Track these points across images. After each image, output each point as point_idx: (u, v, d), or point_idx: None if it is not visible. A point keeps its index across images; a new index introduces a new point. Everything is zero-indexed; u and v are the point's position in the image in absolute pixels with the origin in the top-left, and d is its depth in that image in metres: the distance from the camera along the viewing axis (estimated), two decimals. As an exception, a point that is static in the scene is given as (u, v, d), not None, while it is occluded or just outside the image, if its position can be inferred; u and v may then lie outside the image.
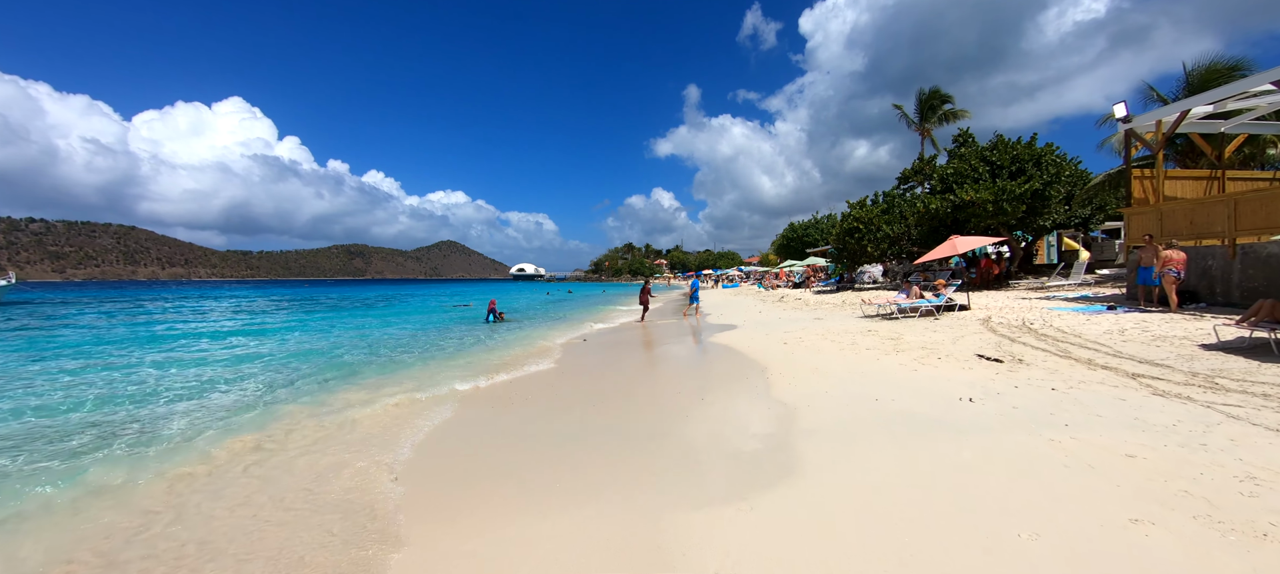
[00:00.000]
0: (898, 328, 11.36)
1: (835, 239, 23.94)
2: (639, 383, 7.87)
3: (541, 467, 4.42)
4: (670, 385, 7.45)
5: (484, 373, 8.88)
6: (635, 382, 7.99)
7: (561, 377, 8.61)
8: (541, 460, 4.59)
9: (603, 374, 8.89)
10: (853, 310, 16.28)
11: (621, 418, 5.80)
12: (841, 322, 13.50)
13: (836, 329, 11.97)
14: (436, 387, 7.81)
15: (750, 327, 14.36)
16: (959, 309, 13.32)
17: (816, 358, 8.59)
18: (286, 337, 15.60)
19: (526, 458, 4.70)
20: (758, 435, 4.83)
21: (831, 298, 21.15)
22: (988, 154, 20.44)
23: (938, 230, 21.10)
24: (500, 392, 7.50)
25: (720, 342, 11.66)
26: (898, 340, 9.62)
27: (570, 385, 7.92)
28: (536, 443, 5.12)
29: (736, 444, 4.64)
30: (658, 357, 10.42)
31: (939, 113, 44.38)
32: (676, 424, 5.35)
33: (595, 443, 4.97)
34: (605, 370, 9.19)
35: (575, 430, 5.40)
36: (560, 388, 7.72)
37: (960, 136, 23.67)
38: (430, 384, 8.05)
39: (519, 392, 7.41)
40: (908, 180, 24.57)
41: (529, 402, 6.79)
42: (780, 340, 10.88)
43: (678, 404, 6.10)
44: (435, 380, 8.37)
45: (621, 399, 6.71)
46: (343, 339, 14.88)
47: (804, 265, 35.80)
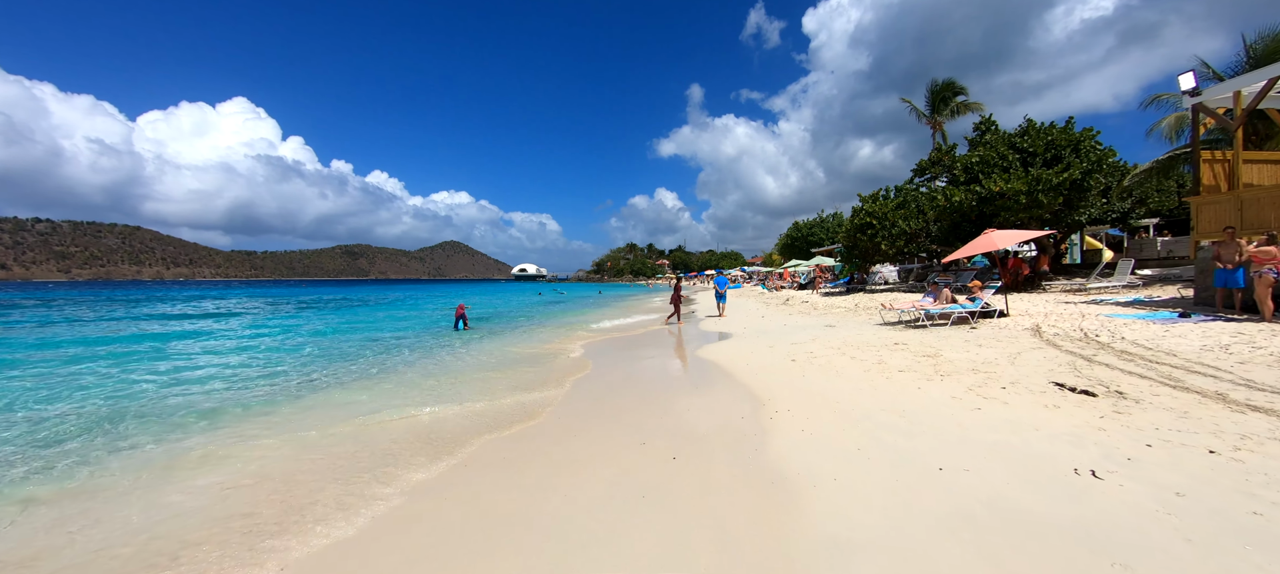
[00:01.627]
0: (930, 340, 9.31)
1: (845, 236, 21.84)
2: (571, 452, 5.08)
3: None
4: (610, 450, 4.66)
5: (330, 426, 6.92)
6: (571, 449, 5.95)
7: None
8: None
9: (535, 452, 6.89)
10: (869, 316, 14.21)
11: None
12: (858, 330, 11.45)
13: (854, 340, 9.92)
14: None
15: (750, 335, 12.32)
16: (997, 316, 11.25)
17: (835, 384, 6.54)
18: (214, 342, 13.73)
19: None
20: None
21: (842, 301, 19.09)
22: (1017, 141, 18.32)
23: (960, 226, 18.99)
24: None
25: (709, 357, 9.62)
26: (936, 359, 7.57)
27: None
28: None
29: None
30: (620, 383, 8.39)
31: (951, 105, 42.25)
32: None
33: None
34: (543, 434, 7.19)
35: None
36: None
37: (982, 124, 21.55)
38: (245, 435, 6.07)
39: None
40: (924, 172, 22.47)
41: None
42: (786, 355, 8.84)
43: (599, 501, 3.60)
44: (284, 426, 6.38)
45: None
46: (278, 350, 12.95)
47: (811, 265, 33.65)
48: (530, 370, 9.24)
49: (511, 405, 6.53)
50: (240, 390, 7.68)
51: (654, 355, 10.47)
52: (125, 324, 19.76)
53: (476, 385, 7.97)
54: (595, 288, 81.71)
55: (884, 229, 19.77)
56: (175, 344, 13.97)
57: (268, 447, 5.17)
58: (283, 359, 11.10)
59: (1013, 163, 17.48)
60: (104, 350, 12.59)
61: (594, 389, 7.34)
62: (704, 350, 10.55)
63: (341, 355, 11.55)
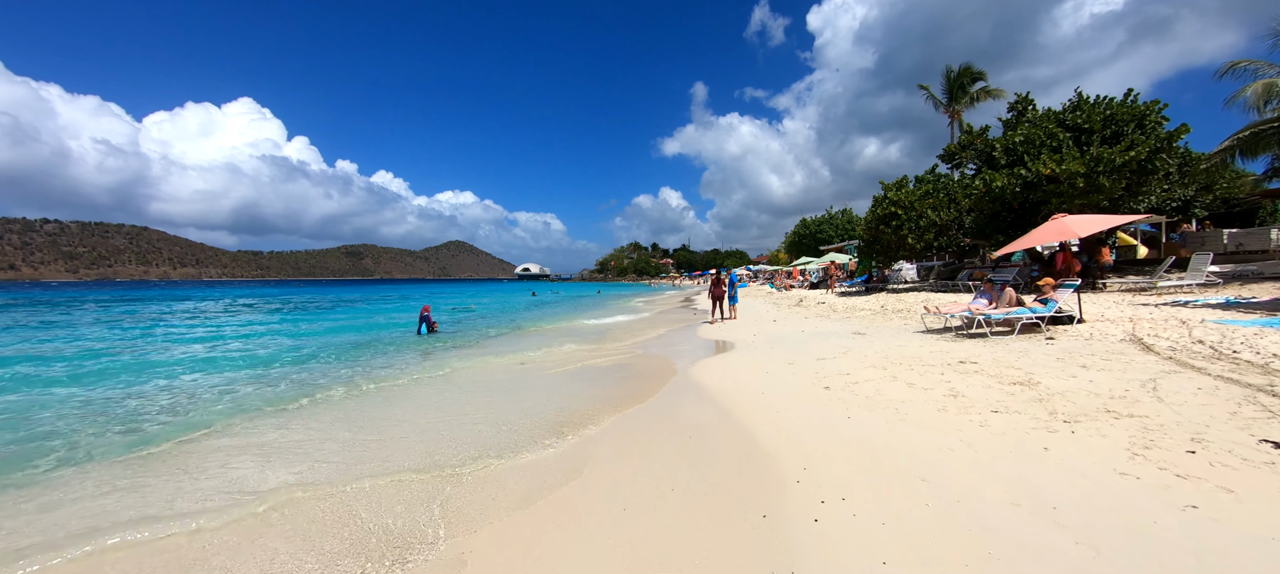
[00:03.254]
0: (1002, 355, 7.04)
1: (865, 228, 19.50)
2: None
3: None
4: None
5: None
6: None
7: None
8: None
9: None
10: (904, 321, 11.92)
11: None
12: (898, 340, 9.18)
13: (900, 355, 7.66)
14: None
15: (761, 346, 10.06)
16: (1071, 322, 8.94)
17: (901, 436, 4.29)
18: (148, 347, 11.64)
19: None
20: None
21: (863, 302, 16.79)
22: (1068, 117, 15.97)
23: (999, 215, 16.66)
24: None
25: (703, 378, 7.37)
26: (1034, 388, 5.31)
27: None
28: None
29: None
30: (556, 421, 6.18)
31: (970, 93, 39.79)
32: None
33: None
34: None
35: None
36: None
37: (1019, 102, 19.18)
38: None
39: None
40: (953, 158, 20.09)
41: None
42: (814, 378, 6.59)
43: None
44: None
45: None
46: (224, 356, 10.83)
47: (824, 263, 31.24)
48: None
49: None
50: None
51: (631, 372, 8.24)
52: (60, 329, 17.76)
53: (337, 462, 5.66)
54: (595, 287, 79.34)
55: (911, 220, 17.46)
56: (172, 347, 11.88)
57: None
58: (194, 382, 8.96)
59: (1063, 141, 15.13)
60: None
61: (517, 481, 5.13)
62: (698, 368, 8.31)
63: (267, 378, 9.41)
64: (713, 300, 15.79)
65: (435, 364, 9.54)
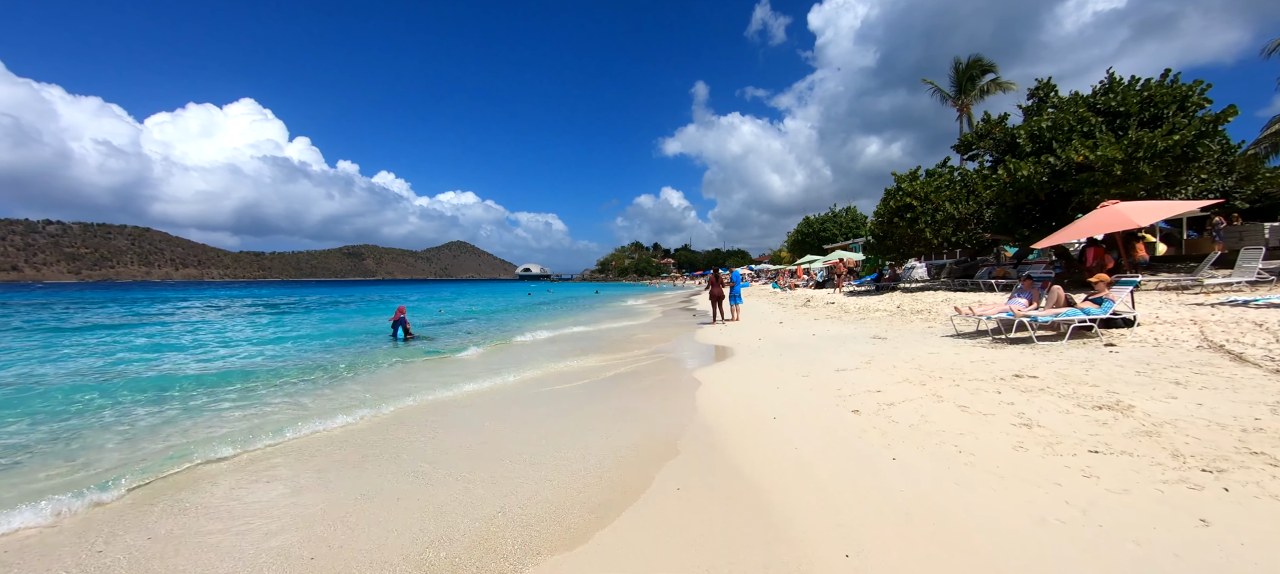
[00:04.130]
0: (1062, 366, 5.81)
1: (876, 223, 18.23)
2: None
3: None
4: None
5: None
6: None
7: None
8: None
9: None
10: (926, 323, 10.68)
11: None
12: (926, 345, 7.95)
13: (935, 365, 6.43)
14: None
15: (768, 353, 8.84)
16: (1127, 325, 7.70)
17: (972, 490, 3.07)
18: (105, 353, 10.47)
19: None
20: None
21: (876, 302, 15.55)
22: (1099, 100, 14.70)
23: (1023, 208, 15.39)
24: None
25: (701, 397, 6.16)
26: (1124, 411, 4.08)
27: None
28: None
29: None
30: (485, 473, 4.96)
31: (980, 85, 38.49)
32: None
33: None
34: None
35: None
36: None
37: (1041, 87, 17.90)
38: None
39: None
40: (969, 148, 18.82)
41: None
42: (836, 397, 5.37)
43: None
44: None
45: None
46: (169, 366, 9.65)
47: (831, 260, 29.95)
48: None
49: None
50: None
51: (597, 392, 7.03)
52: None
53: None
54: (594, 287, 78.17)
55: (927, 214, 16.21)
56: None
57: None
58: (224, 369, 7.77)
59: (1095, 126, 13.86)
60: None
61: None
62: (698, 383, 7.09)
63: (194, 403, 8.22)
64: (712, 301, 14.59)
65: (381, 393, 7.86)
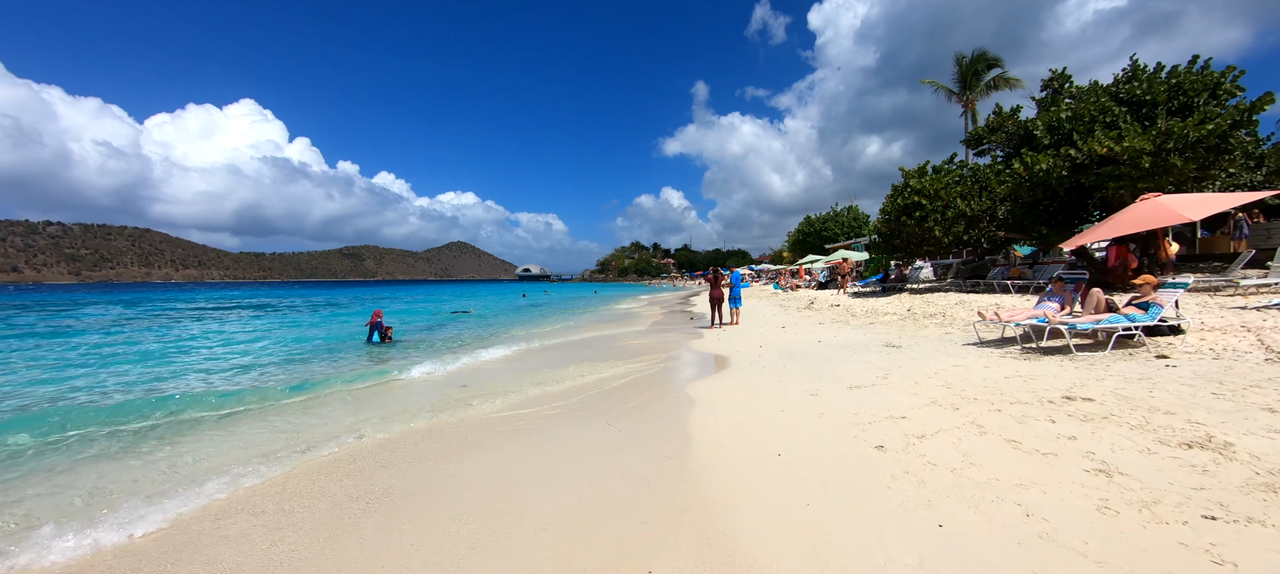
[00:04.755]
0: (1115, 384, 4.92)
1: (882, 221, 17.33)
2: None
3: None
4: None
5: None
6: None
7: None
8: None
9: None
10: (940, 328, 9.79)
11: None
12: (948, 355, 7.06)
13: (960, 381, 5.54)
14: None
15: (768, 365, 7.95)
16: (1174, 332, 6.80)
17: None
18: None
19: None
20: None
21: (883, 304, 14.66)
22: (1121, 90, 13.82)
23: (1039, 204, 14.50)
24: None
25: (692, 428, 5.29)
26: (1225, 452, 3.19)
27: None
28: None
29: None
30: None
31: (986, 80, 37.57)
32: None
33: None
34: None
35: None
36: None
37: (1055, 78, 17.02)
38: None
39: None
40: (980, 142, 17.93)
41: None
42: (854, 427, 4.47)
43: None
44: None
45: None
46: (108, 374, 8.79)
47: (835, 260, 28.97)
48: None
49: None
50: None
51: (550, 417, 6.15)
52: None
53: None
54: (592, 288, 77.40)
55: (936, 211, 15.31)
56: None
57: None
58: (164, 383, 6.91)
59: (1119, 116, 12.98)
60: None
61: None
62: (693, 397, 6.21)
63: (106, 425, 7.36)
64: (712, 304, 13.72)
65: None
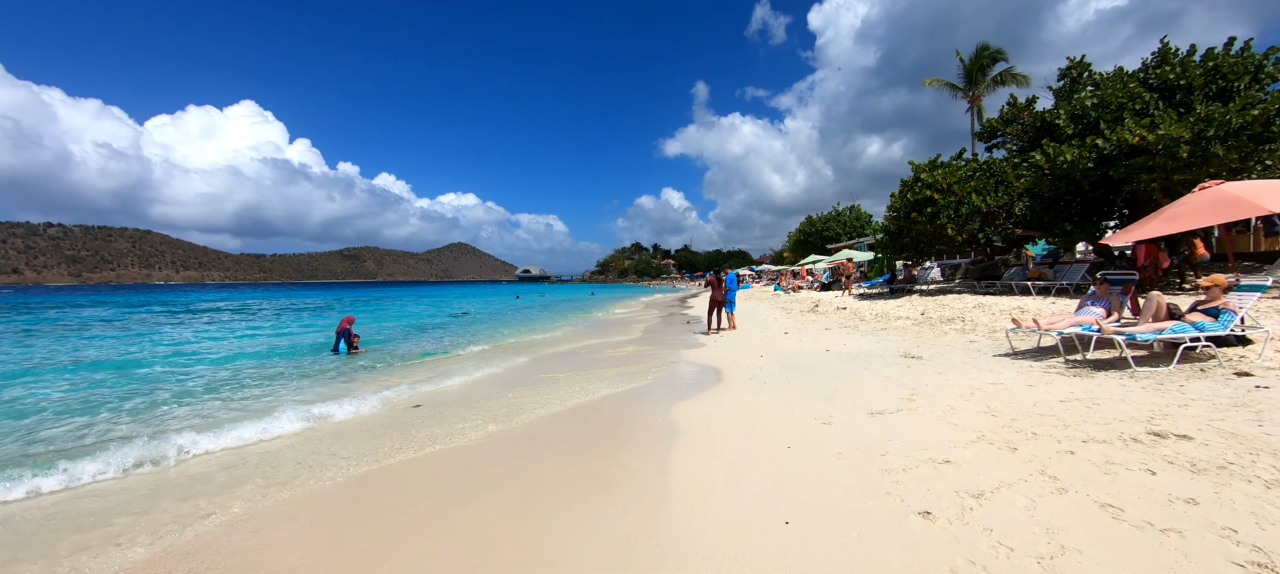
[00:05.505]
0: (1204, 412, 3.88)
1: (891, 218, 16.29)
2: None
3: None
4: None
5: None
6: None
7: None
8: None
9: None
10: (961, 335, 8.76)
11: None
12: (982, 370, 6.03)
13: (1005, 405, 4.50)
14: None
15: (768, 381, 6.92)
16: (1239, 343, 5.77)
17: None
18: None
19: None
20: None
21: (893, 307, 13.63)
22: (1151, 75, 12.80)
23: (1060, 199, 13.48)
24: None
25: (671, 473, 4.28)
26: None
27: None
28: None
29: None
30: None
31: (992, 75, 36.50)
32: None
33: None
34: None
35: None
36: None
37: (1074, 66, 15.98)
38: None
39: None
40: (995, 135, 16.88)
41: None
42: (878, 472, 3.45)
43: None
44: None
45: None
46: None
47: (840, 260, 27.91)
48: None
49: None
50: None
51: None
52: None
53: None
54: (588, 289, 76.61)
55: (950, 207, 14.30)
56: None
57: None
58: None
59: (1151, 103, 11.96)
60: None
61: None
62: (677, 424, 5.19)
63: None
64: (711, 307, 12.70)
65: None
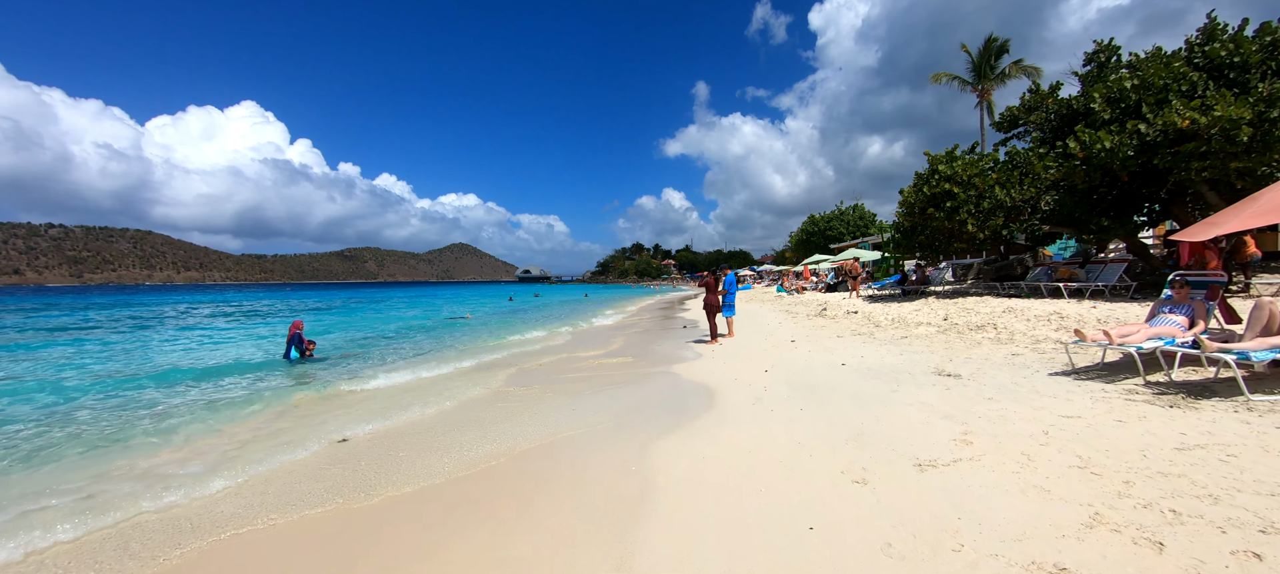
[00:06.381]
0: None
1: (905, 214, 15.04)
2: None
3: None
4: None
5: None
6: None
7: None
8: None
9: None
10: (998, 346, 7.54)
11: None
12: (1053, 399, 4.80)
13: (1104, 452, 3.26)
14: None
15: (775, 406, 5.70)
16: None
17: None
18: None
19: None
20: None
21: (910, 312, 12.41)
22: (1197, 54, 11.59)
23: (1095, 192, 12.26)
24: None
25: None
26: None
27: None
28: None
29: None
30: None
31: (1000, 68, 35.20)
32: None
33: None
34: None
35: None
36: None
37: (1101, 49, 14.75)
38: None
39: None
40: (1015, 125, 15.63)
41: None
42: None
43: None
44: None
45: None
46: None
47: (845, 260, 26.65)
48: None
49: None
50: None
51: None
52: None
53: None
54: (583, 290, 76.05)
55: (970, 201, 13.09)
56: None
57: None
58: None
59: (1198, 83, 10.74)
60: None
61: None
62: (653, 478, 3.98)
63: None
64: (707, 311, 11.44)
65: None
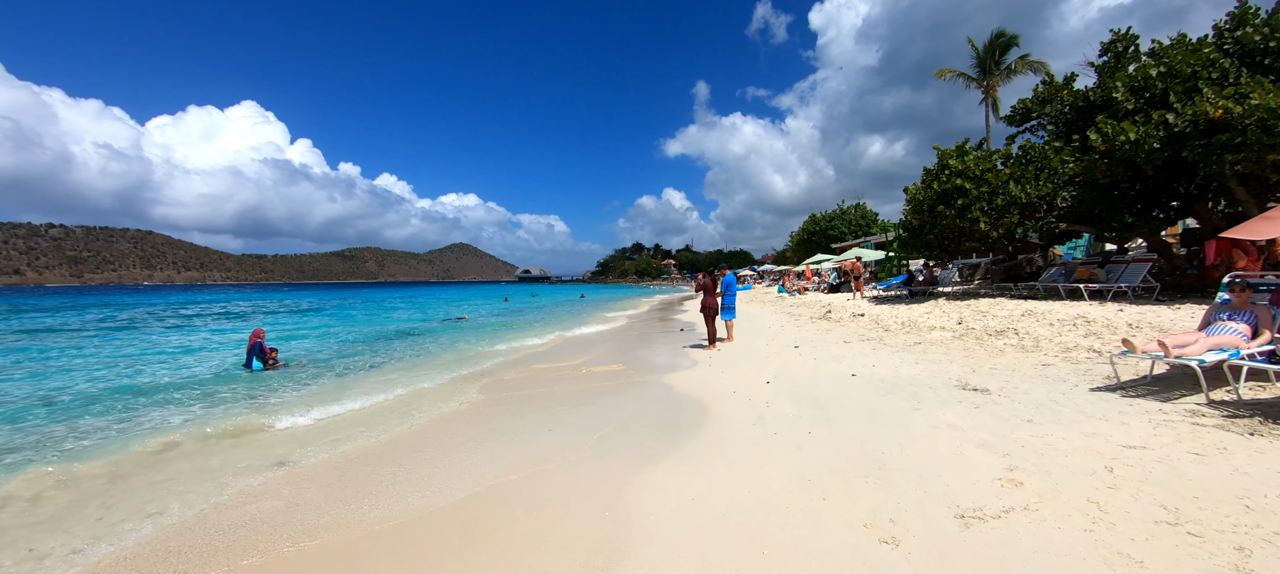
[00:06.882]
0: None
1: (913, 211, 14.31)
2: None
3: None
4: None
5: None
6: None
7: None
8: None
9: None
10: (1019, 353, 6.84)
11: None
12: (1110, 423, 4.09)
13: (1194, 496, 2.54)
14: None
15: (780, 426, 5.01)
16: None
17: None
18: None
19: None
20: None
21: (920, 315, 11.72)
22: (1227, 40, 10.89)
23: (1116, 188, 11.55)
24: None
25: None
26: None
27: None
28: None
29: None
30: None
31: (1006, 63, 34.42)
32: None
33: None
34: None
35: None
36: None
37: (1119, 39, 14.06)
38: None
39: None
40: (1029, 118, 14.91)
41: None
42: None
43: None
44: None
45: None
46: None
47: (848, 260, 25.94)
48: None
49: None
50: None
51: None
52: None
53: None
54: (579, 291, 75.50)
55: (983, 198, 12.39)
56: None
57: None
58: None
59: (1228, 69, 10.04)
60: None
61: None
62: (624, 534, 3.29)
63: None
64: (704, 315, 10.72)
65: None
